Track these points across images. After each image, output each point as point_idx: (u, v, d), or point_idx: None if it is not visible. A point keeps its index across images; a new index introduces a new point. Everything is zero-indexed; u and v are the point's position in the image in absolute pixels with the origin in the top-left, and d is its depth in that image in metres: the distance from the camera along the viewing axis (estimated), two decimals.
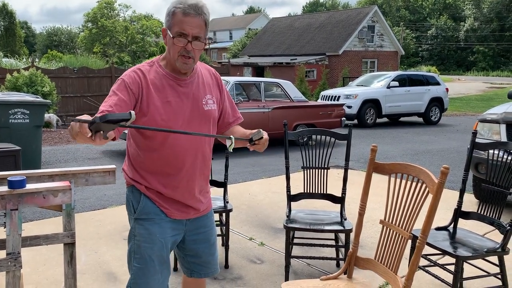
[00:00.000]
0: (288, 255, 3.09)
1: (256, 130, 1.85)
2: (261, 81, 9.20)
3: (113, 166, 2.79)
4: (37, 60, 24.08)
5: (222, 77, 8.95)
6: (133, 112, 1.38)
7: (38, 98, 7.28)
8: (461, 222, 3.00)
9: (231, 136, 1.81)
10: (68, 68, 15.34)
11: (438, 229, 2.98)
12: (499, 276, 2.73)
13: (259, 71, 25.49)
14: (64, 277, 2.61)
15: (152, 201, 1.86)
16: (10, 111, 6.49)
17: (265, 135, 1.80)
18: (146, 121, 1.78)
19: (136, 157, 1.88)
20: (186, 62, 1.79)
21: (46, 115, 10.50)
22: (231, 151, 1.87)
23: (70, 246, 2.59)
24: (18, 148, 5.41)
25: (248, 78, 12.16)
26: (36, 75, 11.44)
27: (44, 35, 65.20)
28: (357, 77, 16.34)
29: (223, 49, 47.11)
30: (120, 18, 42.49)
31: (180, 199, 1.88)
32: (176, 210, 1.90)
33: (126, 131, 3.54)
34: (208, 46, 45.12)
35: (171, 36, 1.77)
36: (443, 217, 4.06)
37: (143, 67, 1.84)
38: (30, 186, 2.29)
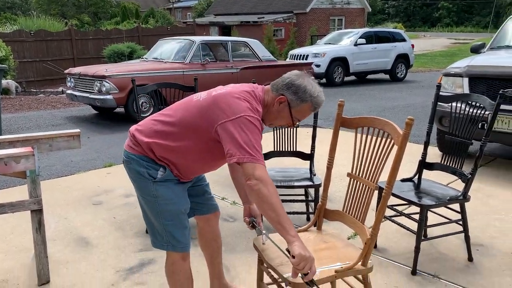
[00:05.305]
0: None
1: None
2: (228, 41, 9.01)
3: (78, 130, 2.71)
4: None
5: (188, 37, 8.74)
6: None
7: None
8: (426, 173, 3.10)
9: None
10: (24, 31, 14.57)
11: (403, 180, 3.08)
12: (460, 223, 2.87)
13: (226, 30, 24.93)
14: (34, 244, 2.58)
15: (172, 172, 1.94)
16: None
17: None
18: None
19: (170, 151, 1.89)
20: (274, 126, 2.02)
21: (4, 82, 10.05)
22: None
23: (37, 213, 2.54)
24: None
25: (215, 38, 11.84)
26: None
27: None
28: (325, 35, 16.26)
29: (188, 8, 45.48)
30: None
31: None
32: (191, 177, 2.06)
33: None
34: (171, 6, 43.57)
35: (291, 115, 1.90)
36: (408, 169, 4.19)
37: (258, 114, 1.84)
38: None
